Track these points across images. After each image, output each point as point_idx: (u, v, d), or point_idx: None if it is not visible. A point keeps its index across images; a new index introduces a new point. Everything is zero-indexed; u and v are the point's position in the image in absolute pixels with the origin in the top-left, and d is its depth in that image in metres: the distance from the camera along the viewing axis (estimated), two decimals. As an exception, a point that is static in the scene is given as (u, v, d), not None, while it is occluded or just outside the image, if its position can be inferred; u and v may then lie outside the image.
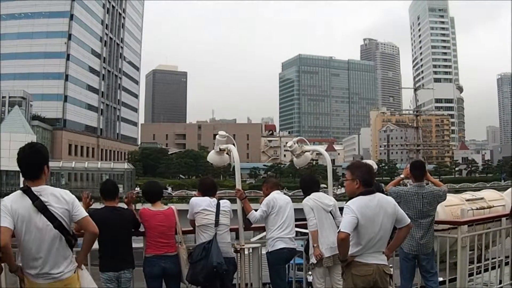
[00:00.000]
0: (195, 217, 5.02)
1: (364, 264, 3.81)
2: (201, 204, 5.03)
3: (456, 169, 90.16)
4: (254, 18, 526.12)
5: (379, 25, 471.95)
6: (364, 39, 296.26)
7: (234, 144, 5.62)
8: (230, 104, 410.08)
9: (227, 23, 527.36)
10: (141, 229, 4.96)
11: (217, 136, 5.66)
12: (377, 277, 3.79)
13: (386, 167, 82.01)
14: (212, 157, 5.75)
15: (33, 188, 3.18)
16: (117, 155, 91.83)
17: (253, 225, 5.55)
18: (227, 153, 5.66)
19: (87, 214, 3.38)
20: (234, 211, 5.34)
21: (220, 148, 5.63)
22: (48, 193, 3.21)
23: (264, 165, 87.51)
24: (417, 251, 5.27)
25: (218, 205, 5.04)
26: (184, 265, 4.86)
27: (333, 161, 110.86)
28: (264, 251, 5.59)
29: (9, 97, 67.34)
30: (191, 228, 5.17)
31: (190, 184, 61.14)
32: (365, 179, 3.97)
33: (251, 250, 5.51)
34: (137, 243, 4.95)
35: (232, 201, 5.40)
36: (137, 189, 54.41)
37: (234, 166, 5.53)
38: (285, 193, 6.53)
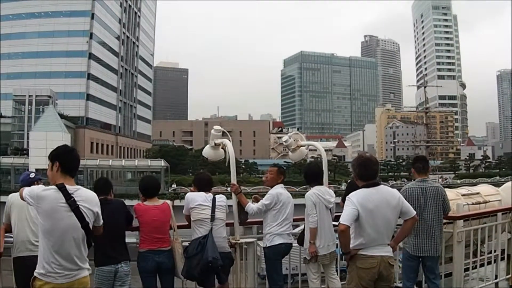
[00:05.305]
0: (191, 212, 4.97)
1: (368, 256, 3.77)
2: (197, 199, 4.98)
3: (471, 164, 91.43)
4: (256, 15, 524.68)
5: (380, 22, 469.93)
6: (365, 36, 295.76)
7: (229, 139, 5.49)
8: (232, 101, 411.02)
9: (228, 21, 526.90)
10: (135, 224, 4.89)
11: (212, 131, 5.58)
12: (382, 269, 3.75)
13: (404, 163, 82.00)
14: (207, 151, 5.67)
15: (67, 187, 3.23)
16: (134, 152, 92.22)
17: (249, 220, 5.45)
18: (222, 148, 5.57)
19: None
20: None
21: (215, 143, 5.56)
22: (82, 193, 3.29)
23: (285, 162, 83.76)
24: (422, 252, 5.04)
25: (214, 200, 5.00)
26: (180, 259, 4.79)
27: (343, 157, 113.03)
28: (260, 244, 5.54)
29: (36, 96, 67.91)
30: (186, 223, 5.11)
31: (218, 181, 62.74)
32: (358, 174, 3.97)
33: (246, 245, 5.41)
34: (130, 238, 4.92)
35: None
36: (174, 185, 56.28)
37: (229, 160, 5.46)
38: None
